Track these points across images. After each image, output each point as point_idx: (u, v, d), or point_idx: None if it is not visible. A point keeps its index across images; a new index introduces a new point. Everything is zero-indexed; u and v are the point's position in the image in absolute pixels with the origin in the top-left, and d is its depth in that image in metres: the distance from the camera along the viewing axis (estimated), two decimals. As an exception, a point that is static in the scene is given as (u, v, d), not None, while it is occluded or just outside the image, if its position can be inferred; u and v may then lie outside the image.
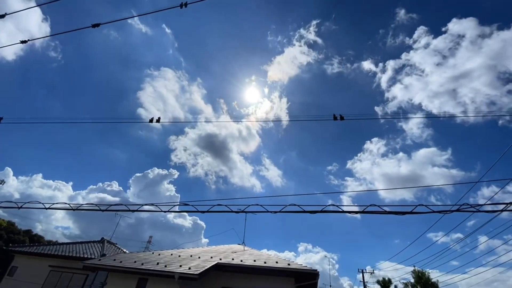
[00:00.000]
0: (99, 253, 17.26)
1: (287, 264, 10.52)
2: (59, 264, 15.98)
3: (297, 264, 10.84)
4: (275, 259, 11.50)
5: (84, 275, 15.20)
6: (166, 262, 10.44)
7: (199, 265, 9.97)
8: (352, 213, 4.35)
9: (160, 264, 10.01)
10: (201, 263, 10.25)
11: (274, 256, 12.75)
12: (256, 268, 10.34)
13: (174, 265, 9.84)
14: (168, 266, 9.69)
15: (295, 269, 10.05)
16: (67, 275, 15.42)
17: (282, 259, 11.84)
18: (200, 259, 11.12)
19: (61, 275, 15.50)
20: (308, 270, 9.91)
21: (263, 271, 10.39)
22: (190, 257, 11.58)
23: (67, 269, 15.62)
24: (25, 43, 7.97)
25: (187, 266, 9.62)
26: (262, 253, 13.84)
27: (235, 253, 12.85)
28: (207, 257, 11.54)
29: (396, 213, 4.15)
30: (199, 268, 9.43)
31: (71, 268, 15.45)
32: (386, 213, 4.23)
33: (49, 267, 15.85)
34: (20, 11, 7.22)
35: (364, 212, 4.20)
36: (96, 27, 7.12)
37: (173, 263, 10.19)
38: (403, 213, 4.18)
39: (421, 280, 30.57)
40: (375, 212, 4.19)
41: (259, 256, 12.07)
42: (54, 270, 15.76)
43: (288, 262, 10.90)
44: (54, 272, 15.68)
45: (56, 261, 16.14)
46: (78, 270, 14.73)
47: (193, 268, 9.34)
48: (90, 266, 10.49)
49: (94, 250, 18.16)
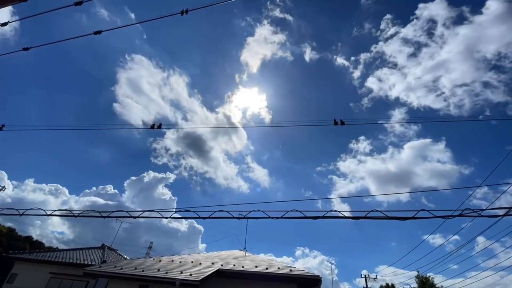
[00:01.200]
0: (99, 260, 17.14)
1: (289, 270, 10.42)
2: (59, 271, 15.86)
3: (299, 270, 10.73)
4: (277, 265, 11.40)
5: (84, 282, 15.07)
6: (167, 268, 10.37)
7: (200, 271, 9.89)
8: (354, 218, 4.33)
9: (161, 271, 9.94)
10: (202, 269, 10.17)
11: (275, 262, 12.63)
12: (258, 274, 10.25)
13: (175, 272, 9.77)
14: (169, 273, 9.62)
15: (297, 275, 9.96)
16: (67, 282, 15.29)
17: (284, 264, 11.74)
18: (201, 265, 11.04)
19: (61, 282, 15.37)
20: (310, 276, 9.82)
21: (264, 277, 10.30)
22: (191, 263, 11.49)
23: (67, 276, 15.49)
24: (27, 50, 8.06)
25: (188, 273, 9.56)
26: (263, 258, 13.72)
27: (237, 259, 12.74)
28: (208, 263, 11.45)
29: (398, 219, 4.12)
30: (200, 274, 9.36)
31: (71, 275, 15.34)
32: (388, 218, 4.21)
33: (49, 274, 15.73)
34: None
35: (366, 218, 4.18)
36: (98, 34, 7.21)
37: (174, 270, 10.12)
38: (405, 218, 4.16)
39: (425, 285, 30.12)
40: (377, 218, 4.16)
41: (260, 262, 11.96)
42: (54, 277, 15.64)
43: (290, 268, 10.80)
44: (54, 279, 15.56)
45: (56, 267, 16.03)
46: (78, 277, 14.63)
47: (194, 275, 9.27)
48: (90, 273, 10.43)
49: (94, 256, 18.04)
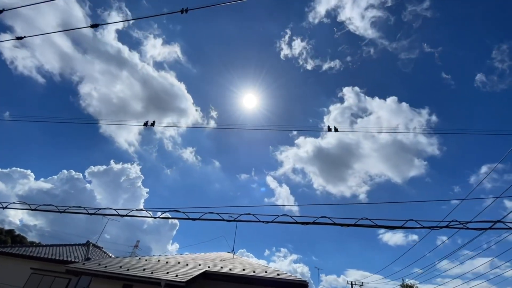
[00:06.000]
0: (83, 257, 16.74)
1: (276, 274, 10.39)
2: (41, 266, 15.41)
3: (286, 274, 10.72)
4: (264, 269, 11.36)
5: (66, 279, 14.67)
6: (152, 268, 10.19)
7: (187, 272, 9.77)
8: (344, 225, 4.35)
9: (147, 270, 9.77)
10: (189, 271, 10.05)
11: (263, 266, 12.60)
12: (245, 277, 10.19)
13: (161, 272, 9.62)
14: (155, 273, 9.46)
15: (285, 280, 9.94)
16: (49, 279, 14.85)
17: (271, 268, 11.71)
18: (188, 266, 10.90)
19: (42, 278, 14.92)
20: (297, 281, 9.83)
21: (252, 280, 10.23)
22: (177, 264, 11.34)
23: (49, 273, 15.06)
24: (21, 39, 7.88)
25: (174, 273, 9.42)
26: (251, 261, 13.67)
27: (224, 261, 12.65)
28: (195, 265, 11.33)
29: (387, 227, 4.16)
30: (186, 275, 9.24)
31: (53, 272, 14.92)
32: (377, 227, 4.24)
33: (30, 269, 15.27)
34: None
35: (355, 225, 4.20)
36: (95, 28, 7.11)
37: (160, 270, 9.96)
38: (393, 228, 4.20)
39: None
40: (366, 226, 4.19)
41: (248, 265, 11.90)
42: (35, 273, 15.17)
43: (277, 272, 10.78)
44: (35, 275, 15.09)
45: (38, 263, 15.57)
46: (60, 273, 14.23)
47: (180, 276, 9.14)
48: (73, 270, 10.17)
49: (78, 253, 17.61)
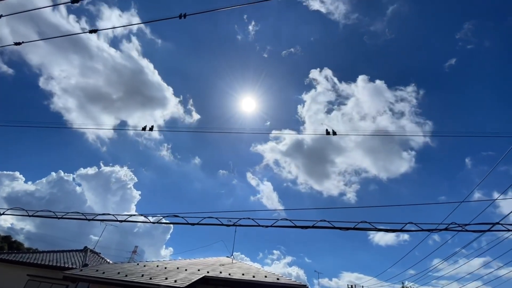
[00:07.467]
0: (81, 263, 16.56)
1: (276, 279, 10.32)
2: (38, 273, 15.22)
3: (285, 278, 10.65)
4: (264, 273, 11.29)
5: (63, 286, 14.46)
6: (151, 274, 10.10)
7: (186, 277, 9.68)
8: (343, 229, 4.34)
9: (145, 276, 9.67)
10: (187, 276, 9.96)
11: (263, 270, 12.51)
12: (245, 282, 10.11)
13: (159, 277, 9.53)
14: (153, 278, 9.37)
15: (284, 284, 9.88)
16: (46, 285, 14.67)
17: (271, 273, 11.63)
18: (187, 272, 10.81)
19: (40, 285, 14.73)
20: (297, 285, 9.76)
21: (251, 285, 10.17)
22: (176, 269, 11.25)
23: (46, 279, 14.87)
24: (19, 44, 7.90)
25: (173, 279, 9.33)
26: (251, 266, 13.58)
27: (223, 266, 12.56)
28: (194, 270, 11.23)
29: (387, 231, 4.16)
30: (185, 281, 9.16)
31: (51, 278, 14.73)
32: (376, 230, 4.24)
33: (27, 276, 15.08)
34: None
35: (355, 229, 4.20)
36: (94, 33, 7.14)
37: (159, 275, 9.87)
38: (393, 231, 4.20)
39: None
40: (365, 229, 4.19)
41: (248, 270, 11.82)
42: (32, 280, 14.98)
43: (277, 277, 10.71)
44: (32, 282, 14.90)
45: (34, 270, 15.38)
46: (57, 280, 14.05)
47: (179, 281, 9.06)
48: (70, 277, 10.07)
49: (76, 259, 17.42)
